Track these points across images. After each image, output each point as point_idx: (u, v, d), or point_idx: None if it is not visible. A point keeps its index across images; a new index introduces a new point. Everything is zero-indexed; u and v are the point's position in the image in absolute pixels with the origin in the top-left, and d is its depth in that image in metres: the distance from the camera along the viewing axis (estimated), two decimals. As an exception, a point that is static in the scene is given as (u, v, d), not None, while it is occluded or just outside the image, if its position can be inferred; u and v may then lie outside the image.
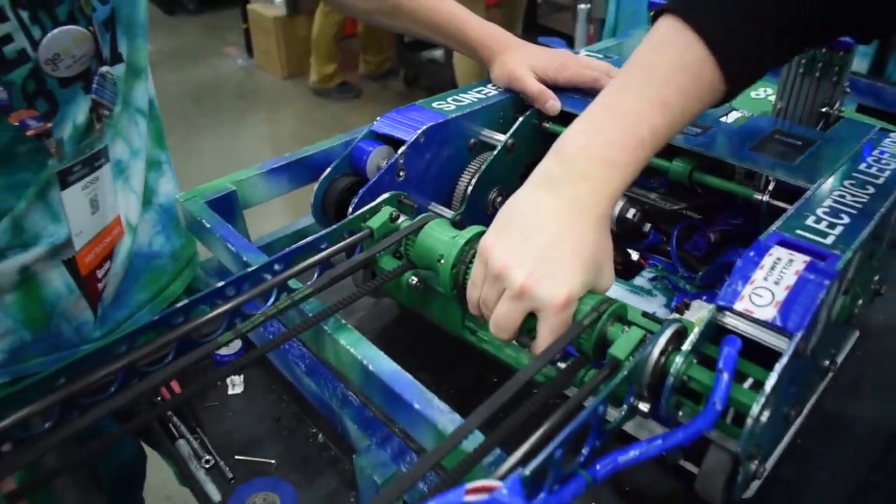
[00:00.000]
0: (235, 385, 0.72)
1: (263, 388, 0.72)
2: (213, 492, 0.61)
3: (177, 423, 0.68)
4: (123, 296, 0.77)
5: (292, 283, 0.57)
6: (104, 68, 0.66)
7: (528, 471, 0.37)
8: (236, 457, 0.65)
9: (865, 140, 0.64)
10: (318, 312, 0.54)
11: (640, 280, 0.68)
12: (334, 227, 0.59)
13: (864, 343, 0.70)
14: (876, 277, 0.64)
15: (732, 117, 0.71)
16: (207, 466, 0.64)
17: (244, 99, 4.15)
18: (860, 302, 0.61)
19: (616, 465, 0.44)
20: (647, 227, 0.67)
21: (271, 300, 0.55)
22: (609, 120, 0.50)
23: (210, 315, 0.51)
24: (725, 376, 0.43)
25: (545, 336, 0.47)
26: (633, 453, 0.44)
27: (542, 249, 0.47)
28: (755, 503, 0.55)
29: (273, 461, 0.64)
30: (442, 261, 0.55)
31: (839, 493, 0.57)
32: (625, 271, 0.69)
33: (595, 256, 0.49)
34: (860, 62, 2.02)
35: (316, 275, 0.59)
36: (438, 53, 3.85)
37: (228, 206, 0.74)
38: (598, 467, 0.44)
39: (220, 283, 0.53)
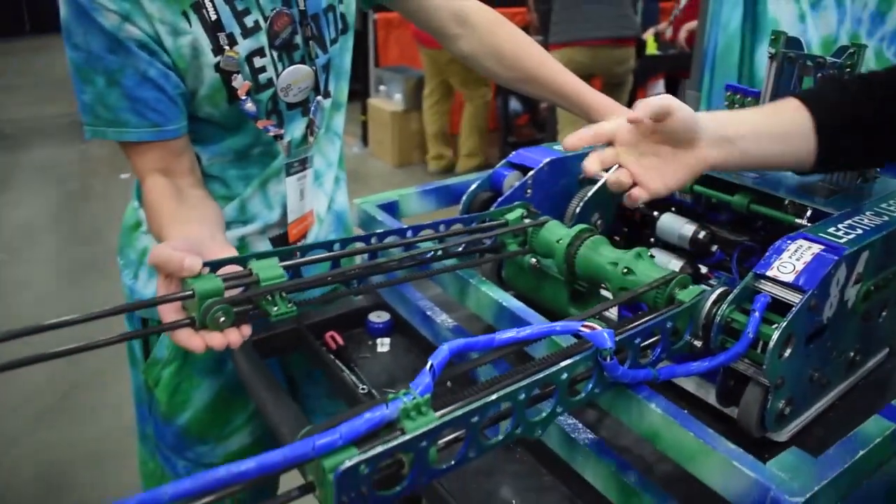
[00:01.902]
0: (384, 345, 0.94)
1: (405, 349, 0.94)
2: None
3: (340, 364, 0.90)
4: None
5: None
6: (319, 98, 0.94)
7: (616, 337, 0.57)
8: (384, 389, 0.86)
9: (892, 190, 0.82)
10: (458, 264, 0.77)
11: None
12: (483, 213, 0.81)
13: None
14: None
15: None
16: (363, 392, 0.85)
17: (358, 181, 4.56)
18: (884, 314, 0.78)
19: (675, 372, 0.64)
20: (714, 247, 0.87)
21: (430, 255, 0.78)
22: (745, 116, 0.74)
23: (395, 242, 0.74)
24: (756, 314, 0.62)
25: None
26: (689, 366, 0.63)
27: None
28: (787, 447, 0.70)
29: (412, 394, 0.85)
30: (560, 242, 0.77)
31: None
32: (694, 280, 0.87)
33: None
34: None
35: (463, 244, 0.81)
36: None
37: (391, 213, 0.98)
38: (660, 370, 0.63)
39: (405, 226, 0.76)
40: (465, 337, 0.74)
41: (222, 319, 0.61)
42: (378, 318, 0.96)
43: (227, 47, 0.83)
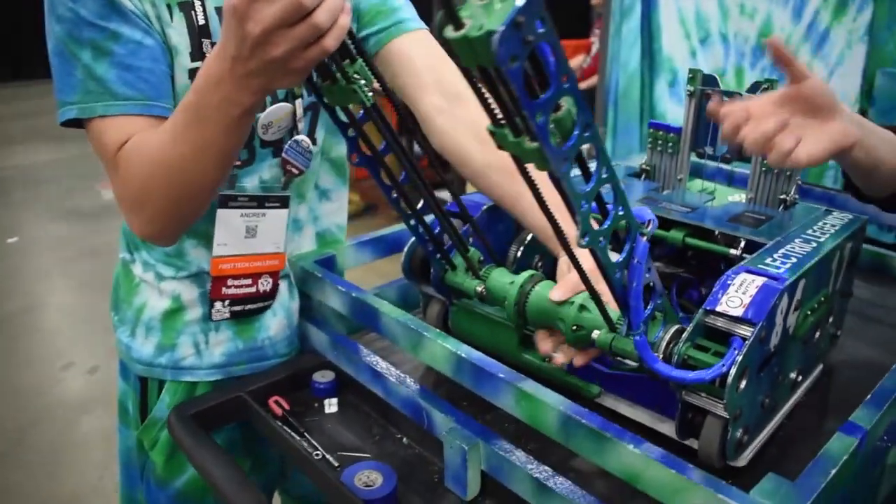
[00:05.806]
0: (331, 406, 0.91)
1: (354, 409, 0.90)
2: (327, 471, 0.78)
3: (289, 431, 0.86)
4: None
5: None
6: (300, 136, 0.89)
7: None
8: (339, 452, 0.82)
9: (813, 216, 0.87)
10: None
11: (650, 321, 0.89)
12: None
13: (829, 377, 0.89)
14: (830, 319, 0.85)
15: (714, 204, 0.96)
16: (317, 458, 0.81)
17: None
18: (818, 335, 0.82)
19: (647, 350, 0.65)
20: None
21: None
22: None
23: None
24: (735, 351, 0.63)
25: None
26: (657, 359, 0.65)
27: None
28: (748, 471, 0.72)
29: (369, 455, 0.82)
30: (512, 284, 0.76)
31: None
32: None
33: None
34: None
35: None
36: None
37: (329, 268, 0.96)
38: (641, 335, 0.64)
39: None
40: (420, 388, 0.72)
41: None
42: (323, 377, 0.92)
43: (208, 54, 0.76)
